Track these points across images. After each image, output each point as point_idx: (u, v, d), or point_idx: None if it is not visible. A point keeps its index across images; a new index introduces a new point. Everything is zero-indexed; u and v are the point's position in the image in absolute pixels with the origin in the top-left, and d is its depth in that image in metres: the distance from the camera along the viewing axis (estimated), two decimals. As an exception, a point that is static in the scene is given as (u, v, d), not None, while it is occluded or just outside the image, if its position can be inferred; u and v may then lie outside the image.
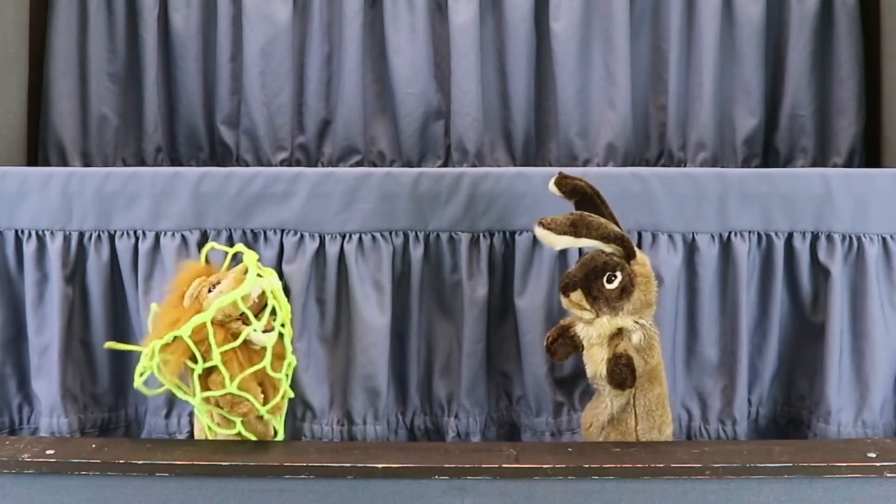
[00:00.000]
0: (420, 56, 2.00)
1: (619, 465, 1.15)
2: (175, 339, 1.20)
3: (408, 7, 2.01)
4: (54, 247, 1.44)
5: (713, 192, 1.43)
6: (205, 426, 1.28)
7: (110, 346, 1.35)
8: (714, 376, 1.47)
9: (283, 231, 1.44)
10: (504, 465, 1.15)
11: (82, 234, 1.45)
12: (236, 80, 2.02)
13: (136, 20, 2.00)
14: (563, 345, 1.30)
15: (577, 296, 1.24)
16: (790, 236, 1.44)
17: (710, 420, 1.47)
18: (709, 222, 1.43)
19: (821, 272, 1.43)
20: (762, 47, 1.97)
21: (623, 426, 1.27)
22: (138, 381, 1.24)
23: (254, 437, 1.27)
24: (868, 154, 1.97)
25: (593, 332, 1.25)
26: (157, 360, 1.21)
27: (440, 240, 1.45)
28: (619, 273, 1.23)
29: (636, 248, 1.27)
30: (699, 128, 1.98)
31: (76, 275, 1.46)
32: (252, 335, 1.23)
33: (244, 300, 1.23)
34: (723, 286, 1.45)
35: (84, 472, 1.17)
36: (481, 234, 1.45)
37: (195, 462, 1.17)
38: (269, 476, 1.16)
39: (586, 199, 1.26)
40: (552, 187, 1.27)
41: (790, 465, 1.15)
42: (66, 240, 1.45)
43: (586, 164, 1.99)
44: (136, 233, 1.45)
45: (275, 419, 1.30)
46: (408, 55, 1.99)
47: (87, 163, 2.00)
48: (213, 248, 1.34)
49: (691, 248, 1.44)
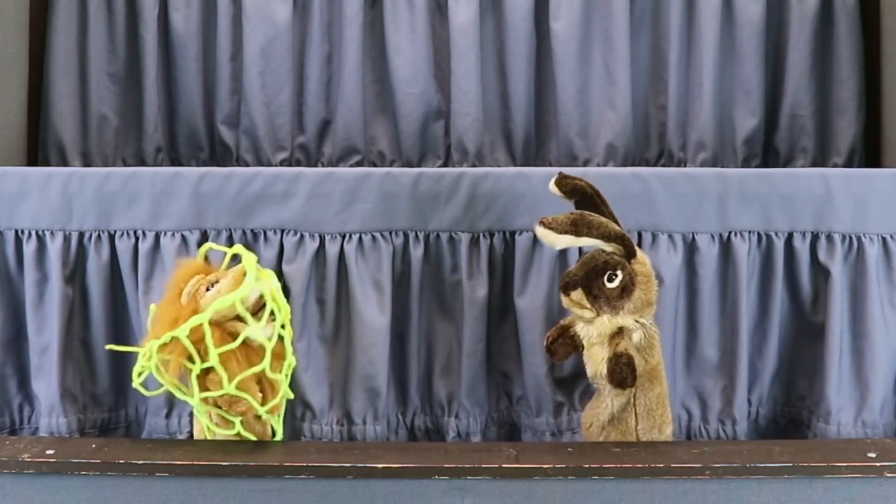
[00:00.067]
0: (420, 56, 2.00)
1: (619, 465, 1.15)
2: (173, 339, 1.20)
3: (408, 7, 2.01)
4: (54, 247, 1.44)
5: (713, 192, 1.43)
6: (204, 426, 1.28)
7: (111, 348, 1.34)
8: (714, 376, 1.47)
9: (283, 231, 1.44)
10: (504, 465, 1.15)
11: (82, 234, 1.45)
12: (236, 80, 2.02)
13: (136, 20, 2.00)
14: (563, 345, 1.30)
15: (577, 295, 1.24)
16: (790, 236, 1.44)
17: (710, 420, 1.47)
18: (709, 222, 1.43)
19: (821, 272, 1.43)
20: (762, 47, 1.97)
21: (623, 426, 1.27)
22: (136, 382, 1.24)
23: (253, 437, 1.27)
24: (868, 154, 1.97)
25: (594, 331, 1.25)
26: (155, 361, 1.21)
27: (440, 240, 1.45)
28: (619, 272, 1.23)
29: (636, 248, 1.27)
30: (699, 128, 1.98)
31: (76, 275, 1.46)
32: (249, 331, 1.23)
33: (242, 303, 1.22)
34: (723, 286, 1.45)
35: (84, 472, 1.16)
36: (481, 234, 1.45)
37: (195, 462, 1.16)
38: (269, 476, 1.16)
39: (586, 198, 1.26)
40: (552, 187, 1.27)
41: (790, 465, 1.15)
42: (66, 240, 1.45)
43: (586, 164, 1.99)
44: (136, 233, 1.45)
45: (273, 419, 1.30)
46: (408, 55, 1.99)
47: (87, 163, 2.00)
48: (210, 249, 1.33)
49: (691, 248, 1.44)
